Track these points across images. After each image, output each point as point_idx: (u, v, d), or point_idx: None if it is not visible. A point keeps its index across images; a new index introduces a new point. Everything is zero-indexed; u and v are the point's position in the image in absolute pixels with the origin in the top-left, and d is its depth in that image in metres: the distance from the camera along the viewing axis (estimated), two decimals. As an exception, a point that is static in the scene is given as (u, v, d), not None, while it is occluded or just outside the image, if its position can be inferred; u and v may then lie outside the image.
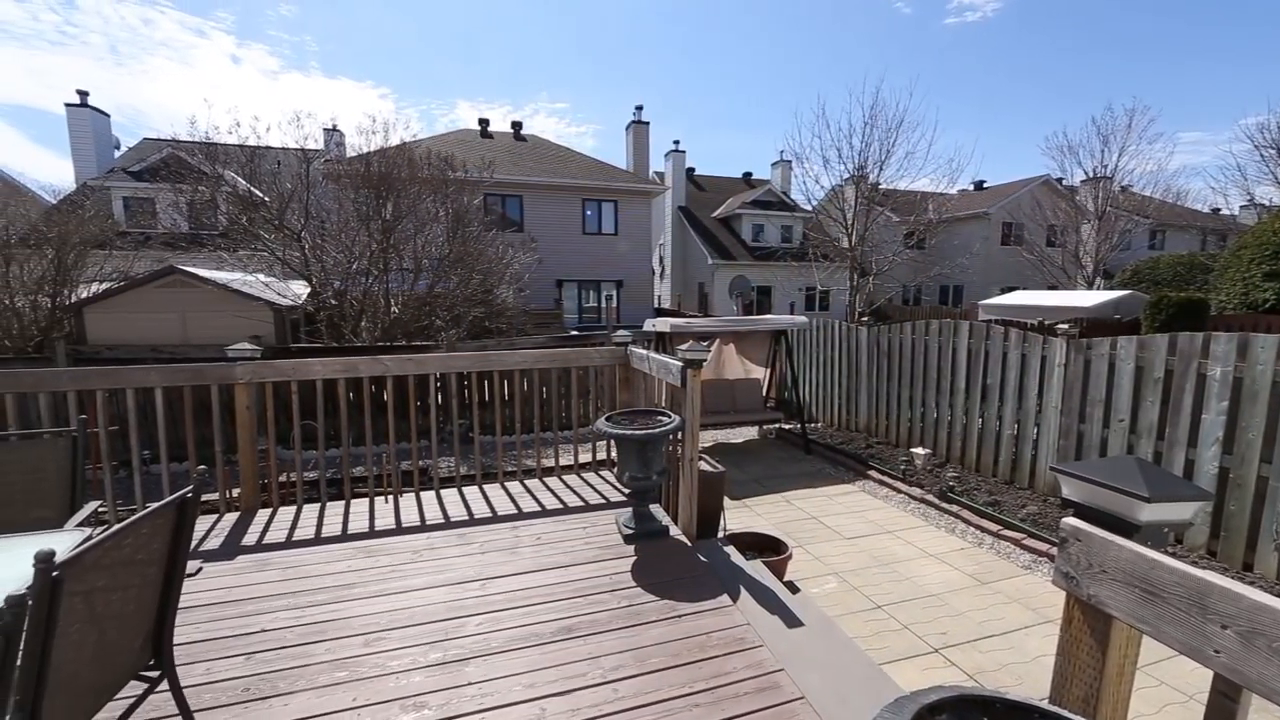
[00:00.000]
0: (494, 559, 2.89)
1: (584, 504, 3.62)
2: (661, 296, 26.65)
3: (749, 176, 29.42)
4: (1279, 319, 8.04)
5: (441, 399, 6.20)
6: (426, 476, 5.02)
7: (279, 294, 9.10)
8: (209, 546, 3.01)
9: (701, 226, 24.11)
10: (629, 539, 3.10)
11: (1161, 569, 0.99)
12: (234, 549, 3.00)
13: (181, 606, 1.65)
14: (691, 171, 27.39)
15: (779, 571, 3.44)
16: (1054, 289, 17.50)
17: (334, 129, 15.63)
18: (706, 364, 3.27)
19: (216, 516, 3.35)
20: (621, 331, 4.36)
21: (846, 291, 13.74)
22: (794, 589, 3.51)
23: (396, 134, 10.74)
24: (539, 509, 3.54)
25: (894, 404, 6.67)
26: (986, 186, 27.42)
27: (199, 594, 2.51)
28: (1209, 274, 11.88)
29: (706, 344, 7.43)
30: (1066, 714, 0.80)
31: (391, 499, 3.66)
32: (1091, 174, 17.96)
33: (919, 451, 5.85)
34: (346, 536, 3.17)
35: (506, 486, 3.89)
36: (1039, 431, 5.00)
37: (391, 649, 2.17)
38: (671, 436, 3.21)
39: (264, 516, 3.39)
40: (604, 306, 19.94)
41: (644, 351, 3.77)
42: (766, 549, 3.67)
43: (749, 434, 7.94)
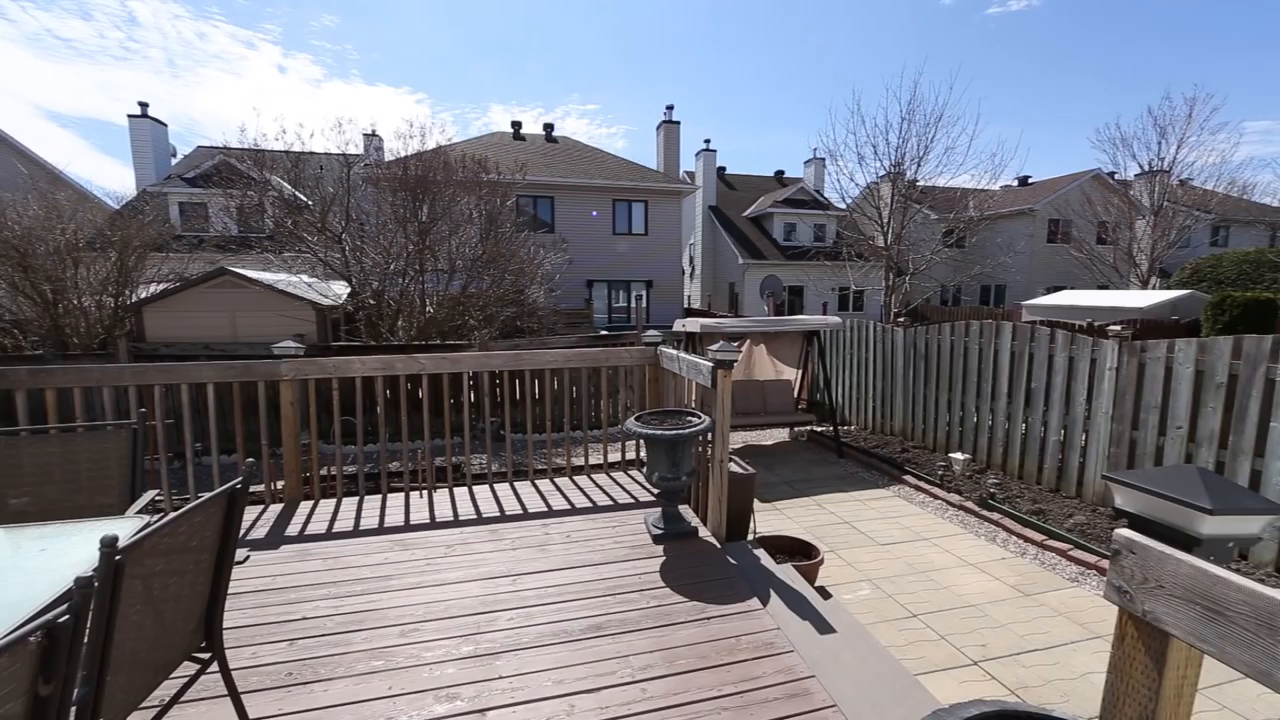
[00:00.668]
0: (525, 555, 2.93)
1: (613, 503, 3.64)
2: (691, 296, 26.54)
3: (781, 175, 29.03)
4: (1359, 321, 7.48)
5: (474, 397, 6.32)
6: (459, 473, 5.13)
7: (321, 294, 9.43)
8: (255, 536, 3.15)
9: (732, 226, 23.91)
10: (658, 539, 3.10)
11: (1226, 586, 0.93)
12: (278, 539, 3.12)
13: (230, 592, 1.72)
14: (722, 170, 27.20)
15: (810, 576, 3.38)
16: (1105, 289, 16.70)
17: (373, 134, 16.11)
18: (737, 365, 3.24)
19: (262, 507, 3.50)
20: (651, 331, 4.36)
21: (881, 291, 13.41)
22: (826, 595, 3.44)
23: (433, 138, 11.03)
24: (569, 507, 3.58)
25: (931, 407, 6.47)
26: (1032, 182, 26.35)
27: (246, 581, 2.63)
28: (1279, 272, 11.12)
29: (737, 344, 7.36)
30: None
31: (426, 494, 3.75)
32: (1147, 167, 17.05)
33: (958, 457, 5.66)
34: (383, 529, 3.26)
35: (537, 484, 3.93)
36: (1087, 438, 4.78)
37: (426, 640, 2.22)
38: (701, 437, 3.20)
39: (306, 508, 3.52)
40: (633, 306, 19.98)
41: (674, 352, 3.76)
42: (797, 553, 3.61)
43: (779, 436, 7.83)
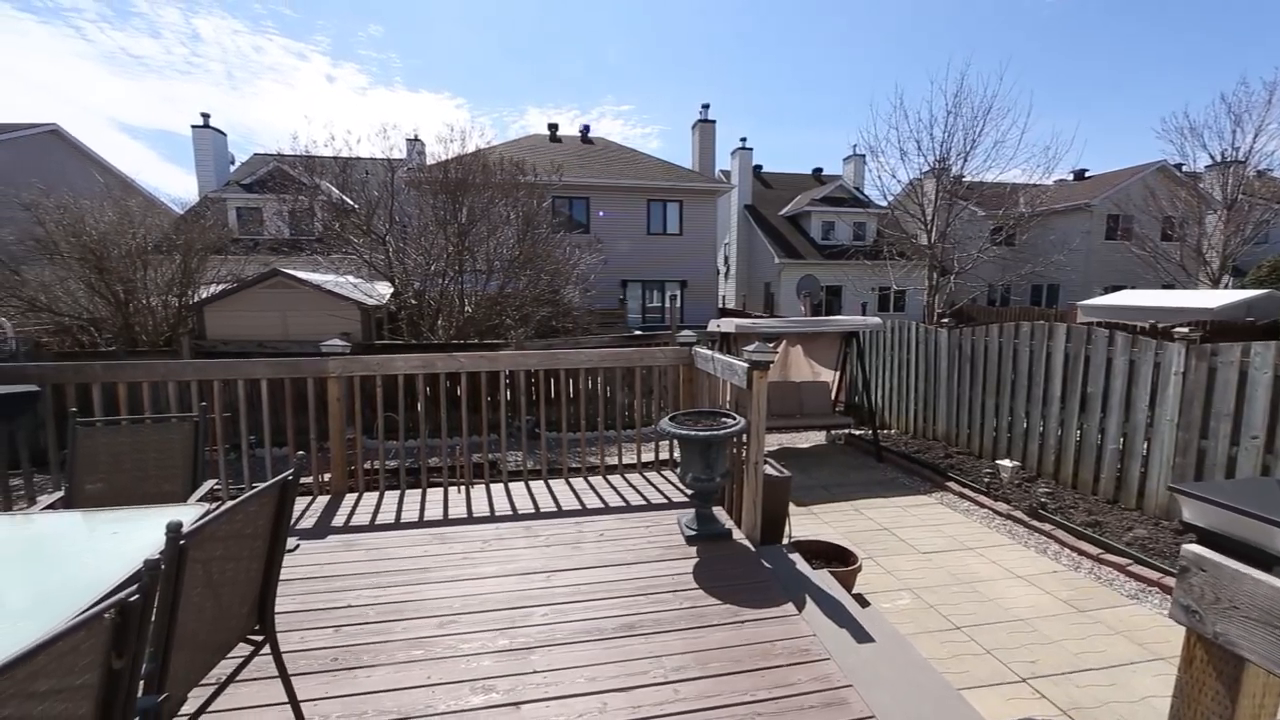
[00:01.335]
0: (558, 552, 2.97)
1: (646, 503, 3.64)
2: (726, 296, 26.31)
3: (819, 173, 28.46)
4: None
5: (510, 395, 6.44)
6: (496, 470, 5.23)
7: (366, 294, 9.78)
8: (304, 526, 3.29)
9: (768, 225, 23.58)
10: (691, 540, 3.08)
11: (1312, 610, 0.86)
12: (325, 529, 3.26)
13: (281, 579, 1.80)
14: (758, 169, 26.86)
15: (847, 583, 3.30)
16: (1170, 288, 15.70)
17: (416, 139, 16.60)
18: (772, 365, 3.19)
19: (310, 498, 3.65)
20: (685, 332, 4.34)
21: (924, 291, 12.97)
22: (864, 602, 3.35)
23: (472, 141, 11.29)
24: (602, 506, 3.60)
25: (977, 412, 6.22)
26: (1089, 176, 25.01)
27: (295, 569, 2.75)
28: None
29: (773, 345, 7.25)
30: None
31: (464, 489, 3.84)
32: (1219, 158, 15.94)
33: (1005, 464, 5.42)
34: (423, 523, 3.36)
35: (571, 482, 3.97)
36: (1150, 447, 4.50)
37: (463, 632, 2.27)
38: (735, 439, 3.16)
39: (350, 500, 3.66)
40: (667, 306, 19.96)
41: (709, 352, 3.73)
42: (834, 559, 3.53)
43: (816, 439, 7.67)
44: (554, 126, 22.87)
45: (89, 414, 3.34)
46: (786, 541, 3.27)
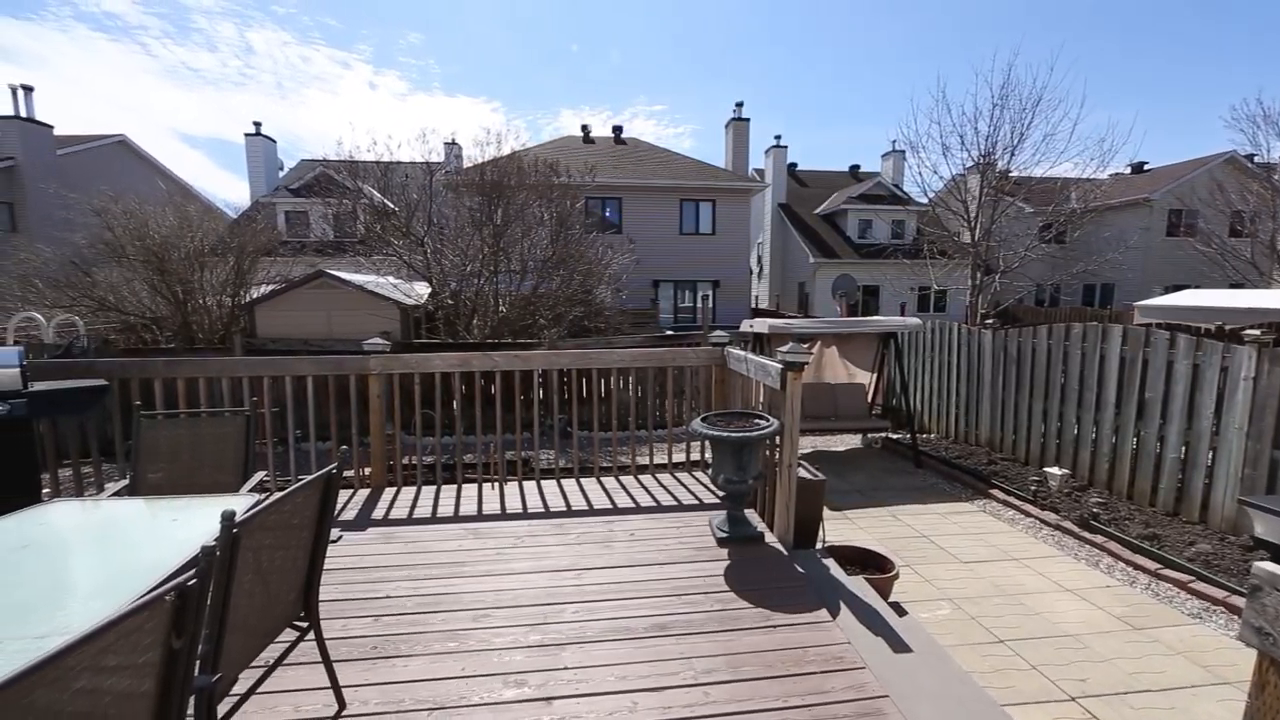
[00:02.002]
0: (589, 551, 2.99)
1: (677, 503, 3.63)
2: (759, 296, 26.00)
3: (856, 170, 27.82)
4: None
5: (543, 394, 6.52)
6: (528, 467, 5.30)
7: (405, 294, 10.07)
8: (346, 517, 3.41)
9: (803, 223, 23.19)
10: (722, 542, 3.06)
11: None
12: (366, 521, 3.37)
13: (324, 569, 1.87)
14: (793, 167, 26.44)
15: (883, 591, 3.21)
16: (1239, 287, 14.70)
17: (453, 142, 16.99)
18: (807, 367, 3.13)
19: (351, 491, 3.78)
20: (718, 332, 4.31)
21: (967, 291, 12.51)
22: (900, 611, 3.25)
23: (508, 144, 11.48)
24: (633, 505, 3.61)
25: (1023, 417, 5.97)
26: (1148, 169, 23.65)
27: (338, 559, 2.85)
28: None
29: (807, 346, 7.12)
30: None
31: (497, 486, 3.91)
32: (1296, 148, 14.82)
33: (1054, 471, 5.18)
34: (458, 518, 3.44)
35: (602, 481, 4.00)
36: (1215, 456, 4.22)
37: (495, 626, 2.31)
38: (768, 440, 3.12)
39: (389, 495, 3.77)
40: (699, 307, 19.83)
41: (742, 353, 3.69)
42: (869, 565, 3.44)
43: (851, 442, 7.50)
44: (587, 128, 23.04)
45: (151, 408, 3.54)
46: (820, 546, 3.20)
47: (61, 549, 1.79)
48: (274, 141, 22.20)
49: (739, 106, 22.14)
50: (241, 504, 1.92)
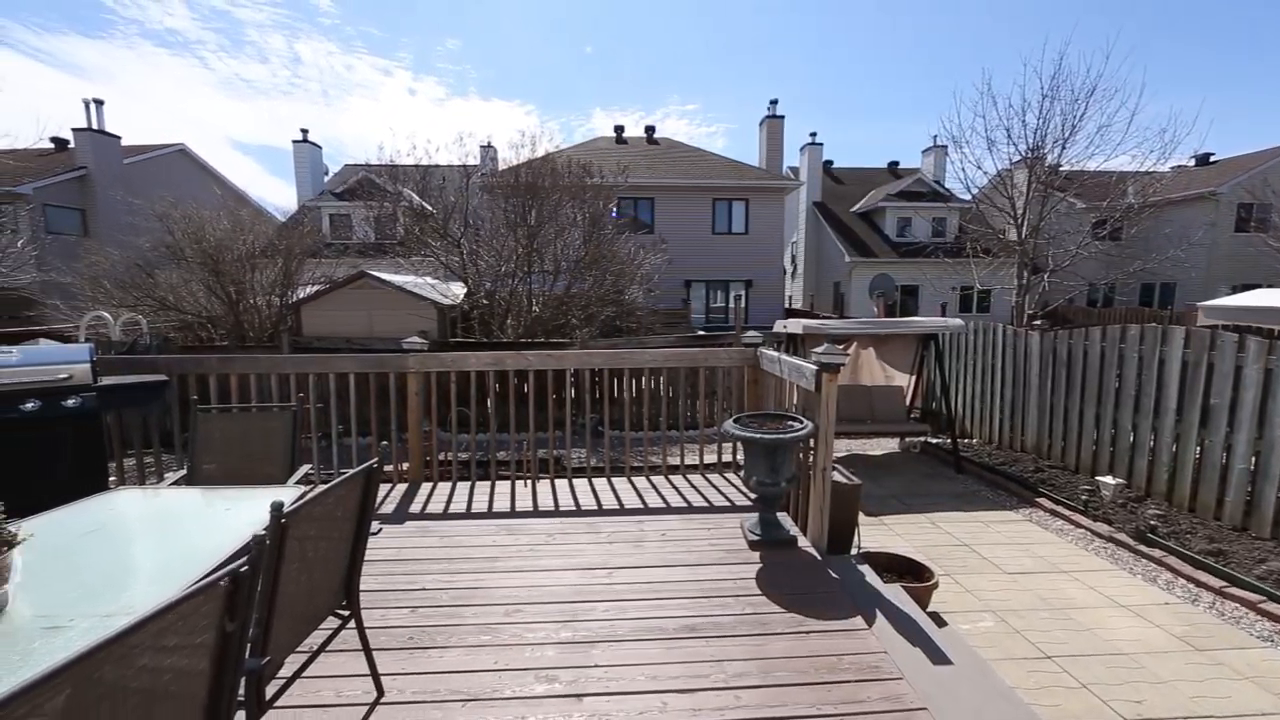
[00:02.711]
0: (620, 550, 3.00)
1: (708, 505, 3.61)
2: (793, 297, 25.60)
3: (895, 166, 27.07)
4: None
5: (574, 394, 6.58)
6: (560, 466, 5.36)
7: (442, 294, 10.32)
8: (384, 510, 3.52)
9: (838, 222, 22.71)
10: (754, 545, 3.02)
11: None
12: (404, 515, 3.46)
13: (365, 560, 1.93)
14: (829, 164, 25.93)
15: (921, 600, 3.11)
16: (1316, 287, 13.64)
17: (488, 145, 17.34)
18: (842, 368, 3.06)
19: (390, 486, 3.90)
20: (751, 332, 4.26)
21: (1013, 291, 12.01)
22: (940, 622, 3.15)
23: (542, 146, 11.63)
24: (663, 506, 3.60)
25: (1074, 423, 5.69)
26: (1215, 160, 22.20)
27: (377, 551, 2.94)
28: None
29: (843, 347, 6.97)
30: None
31: (530, 484, 3.96)
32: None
33: (1107, 481, 4.92)
34: (491, 514, 3.50)
35: (633, 481, 4.00)
36: (1289, 468, 3.93)
37: (527, 622, 2.35)
38: (802, 443, 3.07)
39: (426, 489, 3.87)
40: (732, 307, 19.66)
41: (775, 353, 3.64)
42: (906, 573, 3.34)
43: (888, 446, 7.30)
44: (620, 129, 23.13)
45: (206, 402, 3.73)
46: (855, 552, 3.13)
47: (125, 534, 1.90)
48: (319, 147, 23.08)
49: (773, 104, 21.84)
50: (288, 495, 2.00)
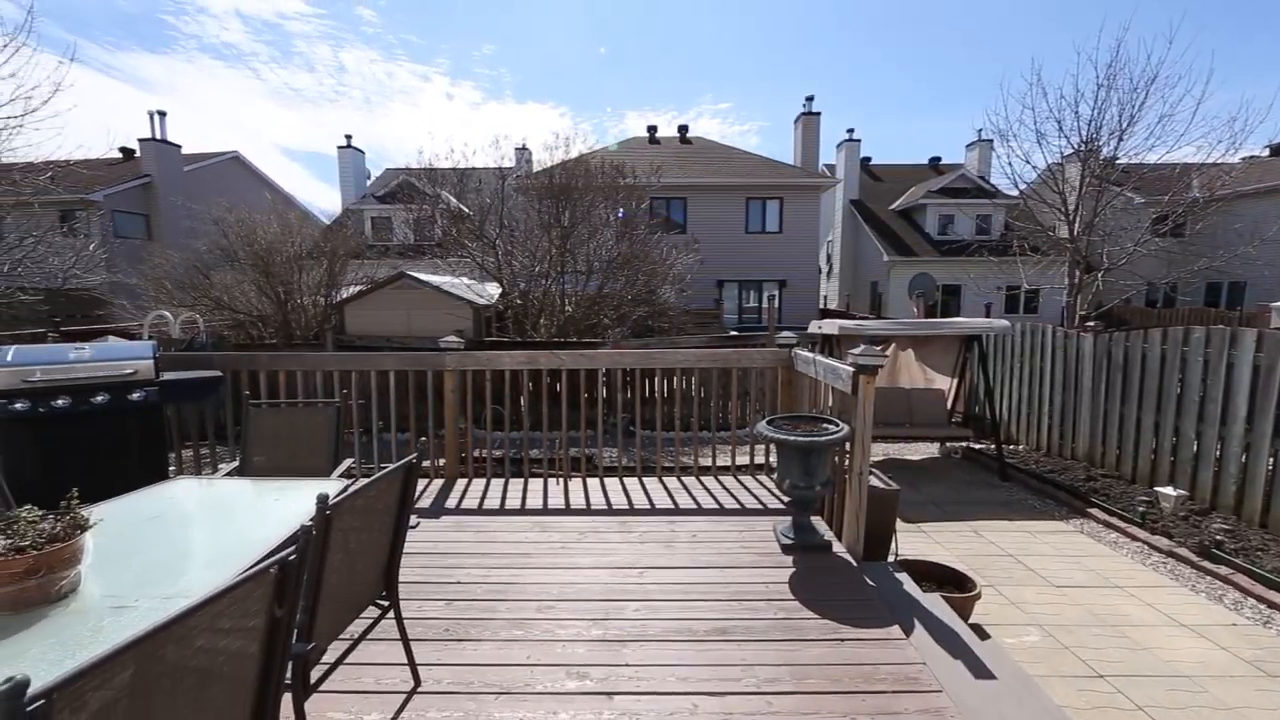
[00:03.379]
0: (651, 549, 3.00)
1: (740, 507, 3.57)
2: (828, 297, 25.10)
3: (936, 162, 26.21)
4: None
5: (606, 393, 6.62)
6: (591, 464, 5.40)
7: (477, 294, 10.54)
8: (422, 505, 3.61)
9: (876, 220, 22.15)
10: (787, 549, 2.97)
11: None
12: (440, 510, 3.55)
13: (403, 552, 1.98)
14: (867, 161, 25.30)
15: (962, 611, 3.00)
16: None
17: (523, 147, 17.59)
18: (880, 370, 2.98)
19: (427, 481, 4.00)
20: (785, 333, 4.20)
21: (1064, 291, 11.47)
22: (983, 634, 3.04)
23: (576, 147, 11.74)
24: (695, 507, 3.58)
25: (1130, 430, 5.39)
26: (1292, 150, 20.68)
27: (415, 544, 3.02)
28: None
29: (881, 348, 6.79)
30: None
31: (561, 482, 4.00)
32: None
33: (1168, 492, 4.64)
34: (524, 511, 3.55)
35: (664, 481, 4.00)
36: (1376, 482, 3.63)
37: (559, 618, 2.37)
38: (838, 446, 3.01)
39: (461, 485, 3.95)
40: (765, 307, 19.39)
41: (810, 354, 3.58)
42: (947, 583, 3.23)
43: (928, 451, 7.08)
44: (653, 129, 23.13)
45: (256, 397, 3.91)
46: (892, 560, 3.04)
47: (183, 521, 2.01)
48: (362, 153, 23.89)
49: (809, 100, 21.46)
50: (333, 488, 2.07)
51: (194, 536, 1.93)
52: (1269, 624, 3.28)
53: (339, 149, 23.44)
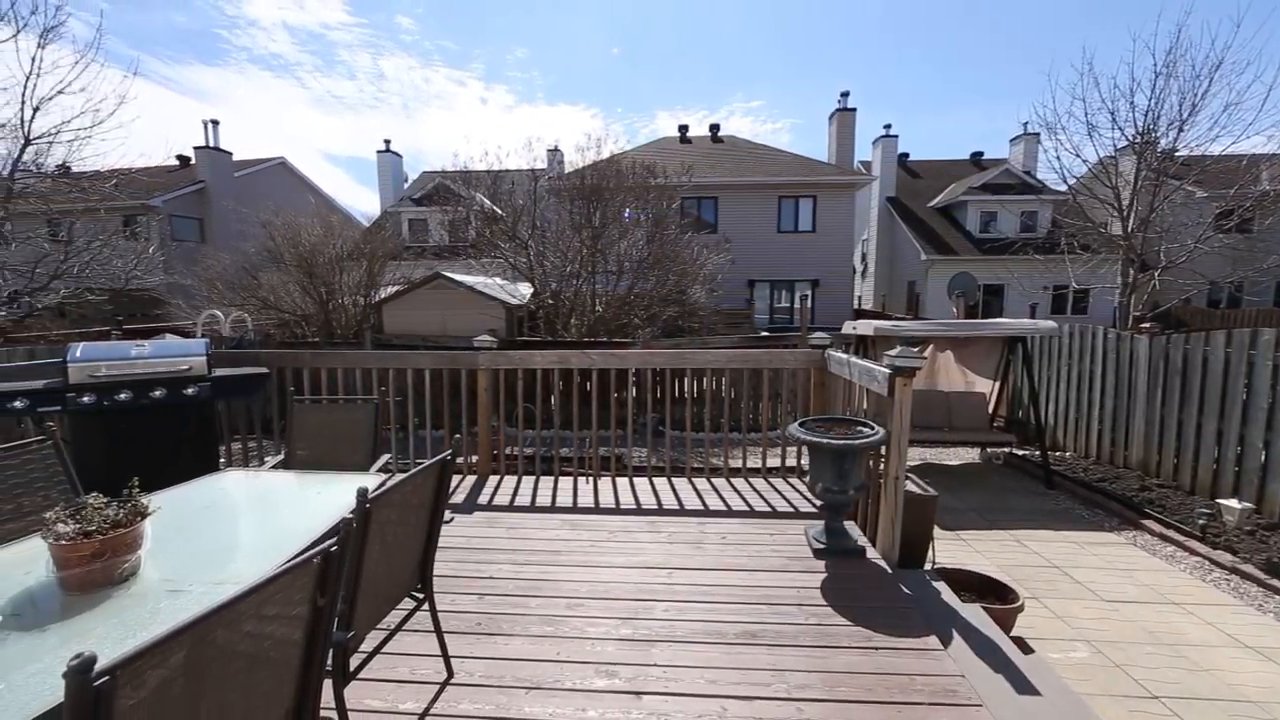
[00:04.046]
0: (680, 550, 2.99)
1: (771, 510, 3.52)
2: (862, 297, 24.55)
3: (978, 157, 25.31)
4: None
5: (636, 393, 6.63)
6: (621, 464, 5.42)
7: (509, 294, 10.70)
8: (455, 501, 3.69)
9: (914, 218, 21.53)
10: (819, 554, 2.92)
11: None
12: (473, 506, 3.62)
13: (437, 546, 2.03)
14: (904, 157, 24.62)
15: (1004, 623, 2.89)
16: None
17: (555, 149, 17.79)
18: (917, 372, 2.89)
19: (460, 477, 4.09)
20: (819, 334, 4.12)
21: (1116, 291, 10.90)
22: (1026, 648, 2.91)
23: (607, 148, 11.81)
24: (725, 508, 3.55)
25: (1189, 438, 5.09)
26: (1373, 139, 19.15)
27: (449, 539, 3.09)
28: None
29: (918, 349, 6.60)
30: None
31: (591, 481, 4.03)
32: None
33: (1231, 504, 4.37)
34: (555, 509, 3.59)
35: (693, 482, 3.98)
36: None
37: (589, 616, 2.38)
38: (873, 450, 2.93)
39: (494, 482, 4.02)
40: (797, 307, 19.09)
41: (844, 355, 3.51)
42: (988, 593, 3.11)
43: (968, 456, 6.84)
44: (684, 128, 23.07)
45: (300, 393, 4.07)
46: (929, 567, 2.95)
47: (232, 511, 2.11)
48: (400, 156, 24.57)
49: (844, 96, 21.01)
50: (371, 482, 2.14)
51: (243, 526, 2.02)
52: (1346, 649, 3.04)
53: (378, 153, 24.17)
